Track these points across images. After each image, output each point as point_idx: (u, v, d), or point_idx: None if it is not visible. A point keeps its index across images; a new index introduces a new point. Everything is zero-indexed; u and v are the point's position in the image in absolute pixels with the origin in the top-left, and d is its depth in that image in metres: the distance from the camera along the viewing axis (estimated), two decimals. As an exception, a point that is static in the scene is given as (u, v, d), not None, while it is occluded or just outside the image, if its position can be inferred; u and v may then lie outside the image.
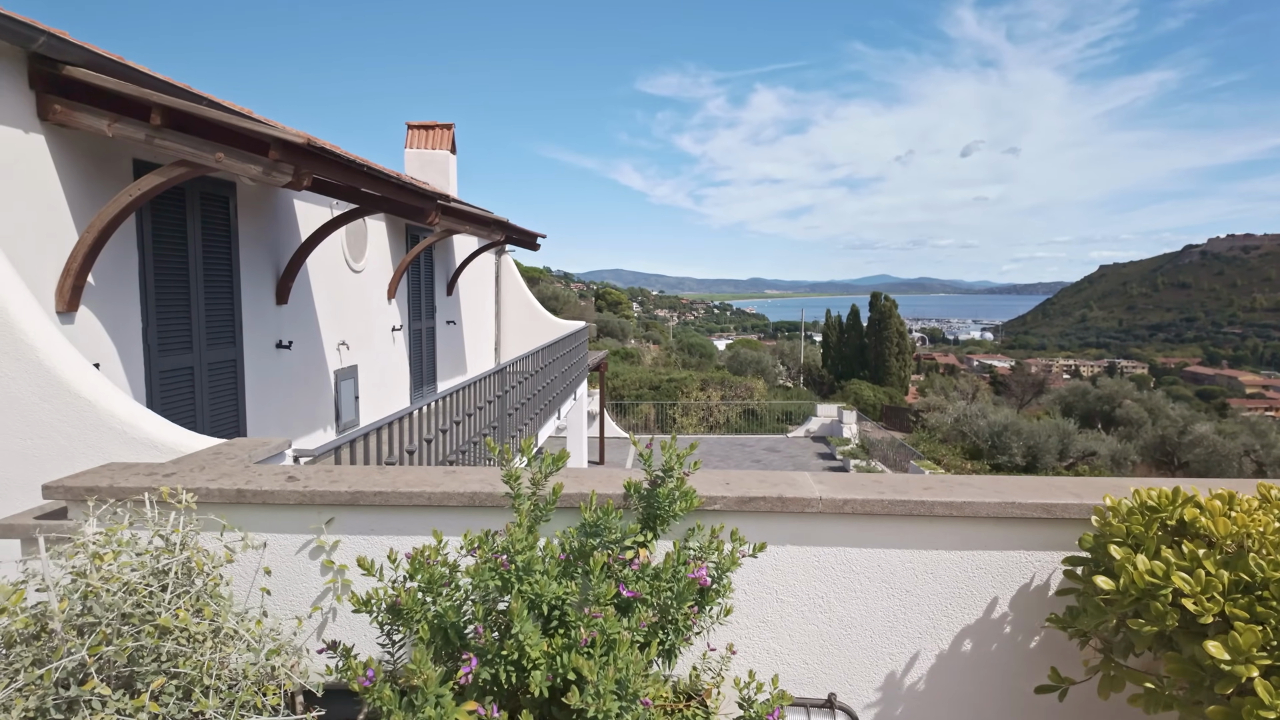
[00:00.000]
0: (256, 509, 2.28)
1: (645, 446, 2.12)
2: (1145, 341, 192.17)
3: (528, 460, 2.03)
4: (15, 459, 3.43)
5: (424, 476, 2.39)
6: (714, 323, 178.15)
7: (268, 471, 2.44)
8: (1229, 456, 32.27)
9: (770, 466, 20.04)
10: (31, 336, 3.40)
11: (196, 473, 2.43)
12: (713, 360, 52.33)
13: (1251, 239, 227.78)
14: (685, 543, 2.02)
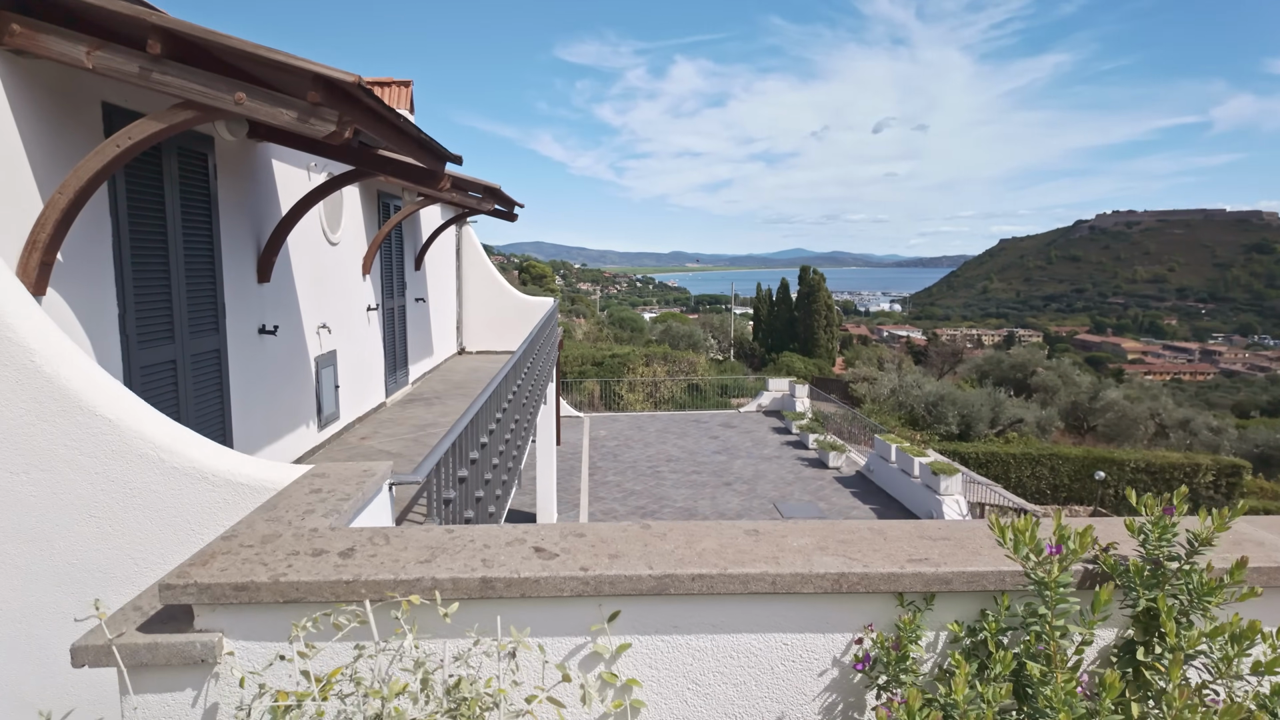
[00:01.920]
0: (507, 604, 1.53)
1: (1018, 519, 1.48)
2: (1040, 311, 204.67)
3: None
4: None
5: (741, 545, 1.64)
6: (637, 296, 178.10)
7: (511, 544, 1.66)
8: (1136, 420, 34.46)
9: (729, 443, 19.87)
10: (18, 329, 2.52)
11: (377, 547, 1.67)
12: (644, 334, 52.08)
13: (1134, 215, 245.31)
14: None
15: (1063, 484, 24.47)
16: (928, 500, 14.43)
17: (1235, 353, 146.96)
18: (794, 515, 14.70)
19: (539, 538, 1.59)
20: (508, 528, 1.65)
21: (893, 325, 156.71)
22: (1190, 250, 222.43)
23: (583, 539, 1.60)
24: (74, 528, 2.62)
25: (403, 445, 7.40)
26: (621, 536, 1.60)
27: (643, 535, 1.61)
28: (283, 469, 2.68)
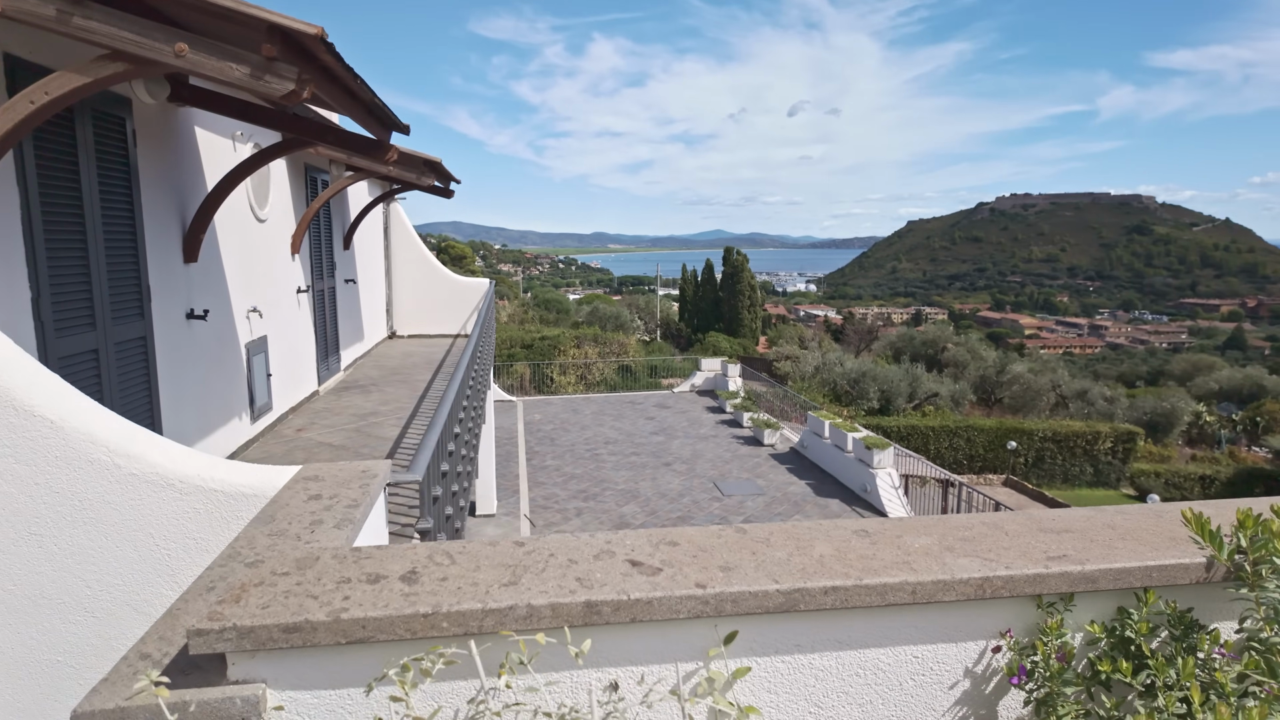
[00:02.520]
0: (612, 630, 1.31)
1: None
2: (945, 290, 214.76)
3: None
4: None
5: (858, 549, 1.46)
6: (560, 277, 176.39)
7: (600, 558, 1.42)
8: (1039, 392, 36.59)
9: (665, 423, 19.89)
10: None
11: (444, 567, 1.41)
12: (570, 316, 51.64)
13: (1030, 198, 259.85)
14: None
15: (978, 454, 25.73)
16: (861, 474, 14.83)
17: (1119, 327, 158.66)
18: (734, 493, 14.86)
19: (629, 549, 1.39)
20: (585, 538, 1.44)
21: (809, 305, 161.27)
22: (1079, 231, 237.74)
23: (679, 549, 1.40)
24: (11, 549, 2.23)
25: (345, 437, 6.95)
26: (722, 544, 1.42)
27: (746, 542, 1.43)
28: (264, 472, 2.36)
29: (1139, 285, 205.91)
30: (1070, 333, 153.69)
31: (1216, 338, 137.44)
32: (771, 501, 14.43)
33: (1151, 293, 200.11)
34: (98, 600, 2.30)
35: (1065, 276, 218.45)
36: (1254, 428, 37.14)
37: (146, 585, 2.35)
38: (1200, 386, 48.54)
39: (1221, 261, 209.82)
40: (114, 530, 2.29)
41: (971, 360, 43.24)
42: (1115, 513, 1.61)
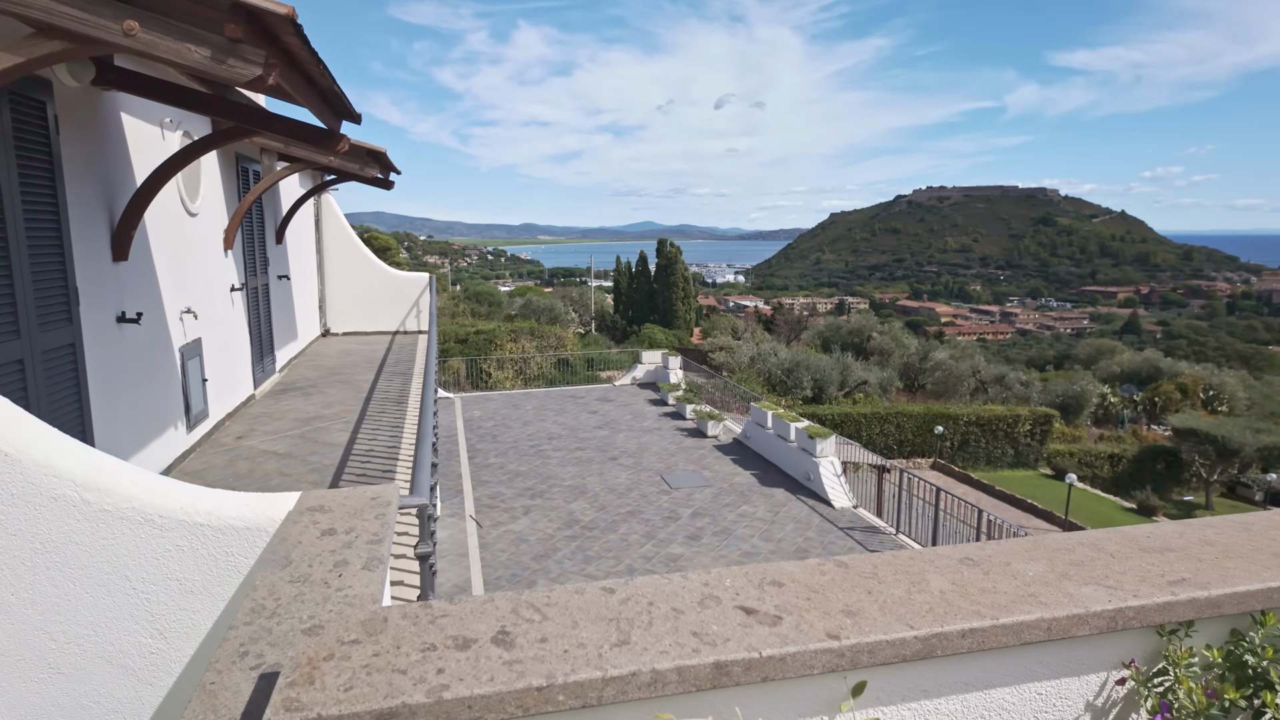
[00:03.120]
0: (739, 692, 1.17)
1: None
2: (867, 280, 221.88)
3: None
4: None
5: (974, 581, 1.36)
6: (489, 269, 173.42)
7: (705, 604, 1.30)
8: (960, 377, 38.18)
9: (609, 417, 19.77)
10: None
11: (534, 624, 1.23)
12: (503, 309, 50.86)
13: (944, 191, 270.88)
14: None
15: (907, 439, 26.63)
16: (804, 463, 15.09)
17: (1028, 314, 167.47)
18: (682, 486, 14.88)
19: (733, 593, 1.26)
20: (679, 580, 1.30)
21: (738, 296, 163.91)
22: (990, 222, 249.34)
23: (785, 590, 1.29)
24: (-41, 607, 1.93)
25: (290, 444, 6.56)
26: (830, 582, 1.31)
27: (853, 578, 1.33)
28: (258, 502, 2.13)
29: (1045, 274, 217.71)
30: (983, 320, 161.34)
31: (1115, 323, 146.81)
32: (719, 493, 14.53)
33: (1056, 281, 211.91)
34: (65, 655, 2.03)
35: (978, 266, 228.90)
36: (1153, 408, 39.76)
37: (124, 635, 2.09)
38: (1104, 370, 51.63)
39: (1118, 251, 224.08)
40: (83, 575, 2.02)
41: (896, 348, 44.75)
42: (1203, 526, 1.59)
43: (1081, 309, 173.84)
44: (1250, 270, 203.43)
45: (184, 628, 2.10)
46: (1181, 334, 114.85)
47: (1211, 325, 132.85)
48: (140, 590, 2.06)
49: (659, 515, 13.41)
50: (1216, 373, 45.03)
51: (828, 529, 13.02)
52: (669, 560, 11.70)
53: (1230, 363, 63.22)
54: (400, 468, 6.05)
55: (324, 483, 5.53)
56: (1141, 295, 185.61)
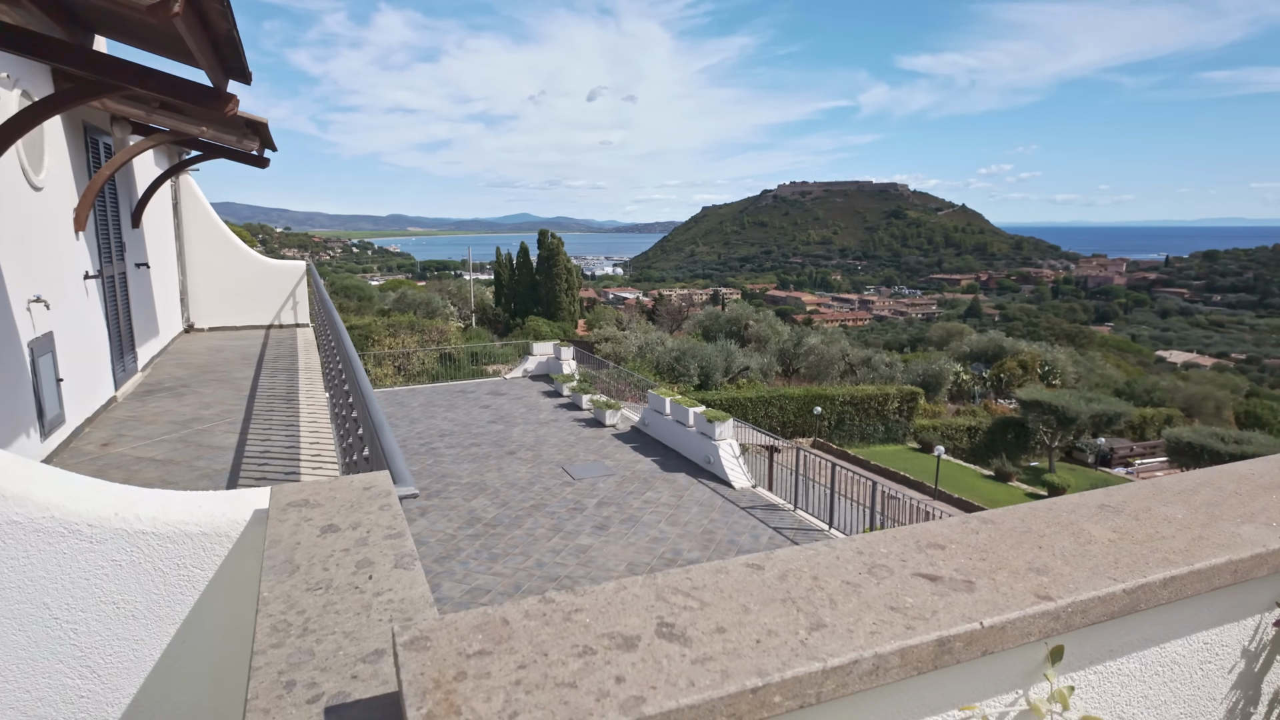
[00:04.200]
0: (950, 672, 1.01)
1: None
2: (738, 271, 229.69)
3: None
4: None
5: (1127, 530, 1.25)
6: (355, 263, 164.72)
7: (874, 573, 1.10)
8: (832, 361, 40.24)
9: (502, 411, 19.22)
10: None
11: (696, 611, 0.97)
12: (375, 303, 48.49)
13: (806, 186, 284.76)
14: None
15: (790, 420, 27.71)
16: (704, 447, 15.29)
17: (883, 301, 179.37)
18: (585, 476, 14.68)
19: (901, 560, 1.07)
20: (824, 549, 1.10)
21: (617, 288, 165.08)
22: (848, 216, 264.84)
23: (950, 551, 1.12)
24: None
25: (170, 450, 5.79)
26: (989, 541, 1.15)
27: (1011, 535, 1.18)
28: (217, 503, 1.75)
29: (897, 263, 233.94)
30: (844, 307, 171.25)
31: (959, 308, 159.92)
32: (622, 480, 14.44)
33: (907, 269, 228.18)
34: (-33, 710, 1.58)
35: (838, 257, 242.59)
36: (999, 383, 43.60)
37: (43, 678, 1.66)
38: (955, 350, 56.04)
39: (960, 241, 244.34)
40: (-11, 606, 1.58)
41: (772, 335, 46.54)
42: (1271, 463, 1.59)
43: (930, 295, 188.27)
44: (1069, 258, 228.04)
45: (124, 662, 1.70)
46: (1016, 316, 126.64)
47: (1040, 308, 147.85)
48: (64, 620, 1.64)
49: (564, 507, 13.15)
50: (1049, 350, 49.89)
51: (730, 509, 13.25)
52: (579, 552, 11.47)
53: (1059, 341, 70.32)
54: (305, 468, 5.48)
55: (216, 490, 4.89)
56: (981, 282, 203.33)
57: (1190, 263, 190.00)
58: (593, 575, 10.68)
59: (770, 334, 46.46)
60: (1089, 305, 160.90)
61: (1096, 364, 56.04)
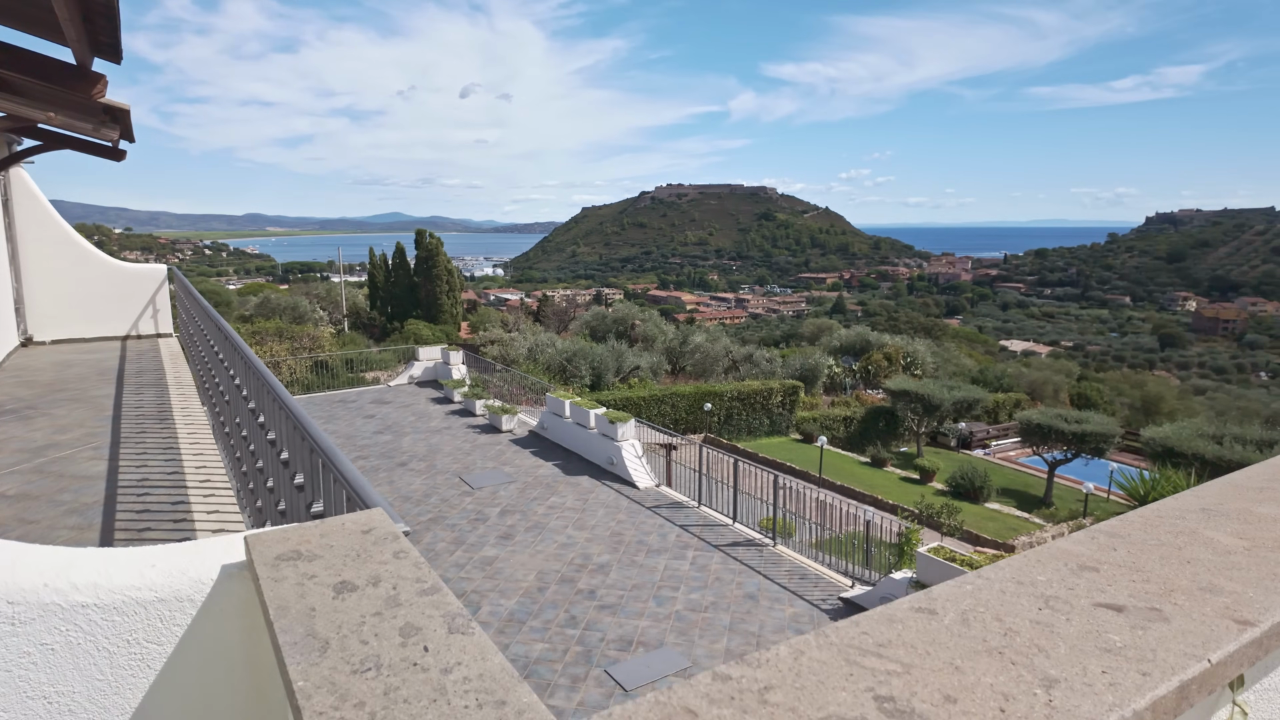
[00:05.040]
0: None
1: None
2: (619, 272, 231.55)
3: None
4: None
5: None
6: (209, 266, 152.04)
7: (1080, 613, 0.88)
8: (716, 358, 41.26)
9: (389, 420, 18.26)
10: None
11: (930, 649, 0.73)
12: (234, 309, 45.02)
13: (683, 188, 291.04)
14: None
15: (682, 417, 28.11)
16: (607, 448, 15.17)
17: (757, 299, 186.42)
18: (484, 484, 14.19)
19: (1066, 586, 0.95)
20: (972, 580, 0.97)
21: (498, 289, 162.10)
22: (722, 218, 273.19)
23: (1103, 574, 1.02)
24: None
25: (23, 482, 4.99)
26: (1135, 560, 1.06)
27: (1152, 552, 1.10)
28: (168, 557, 1.42)
29: (769, 263, 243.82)
30: (722, 306, 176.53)
31: (826, 305, 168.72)
32: (525, 487, 14.06)
33: (778, 269, 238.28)
34: None
35: (714, 257, 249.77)
36: (868, 374, 46.25)
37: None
38: (826, 344, 58.92)
39: (824, 242, 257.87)
40: None
41: (658, 334, 47.15)
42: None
43: (800, 293, 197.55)
44: (922, 257, 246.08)
45: (55, 775, 1.34)
46: (877, 312, 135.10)
47: (898, 303, 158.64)
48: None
49: (465, 518, 12.63)
50: (910, 342, 53.48)
51: (637, 510, 13.20)
52: (484, 564, 11.04)
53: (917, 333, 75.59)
54: (195, 496, 4.88)
55: (92, 526, 4.24)
56: (844, 280, 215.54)
57: (1025, 260, 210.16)
58: (501, 588, 10.30)
59: (657, 333, 47.04)
60: (940, 300, 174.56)
61: (952, 354, 60.64)
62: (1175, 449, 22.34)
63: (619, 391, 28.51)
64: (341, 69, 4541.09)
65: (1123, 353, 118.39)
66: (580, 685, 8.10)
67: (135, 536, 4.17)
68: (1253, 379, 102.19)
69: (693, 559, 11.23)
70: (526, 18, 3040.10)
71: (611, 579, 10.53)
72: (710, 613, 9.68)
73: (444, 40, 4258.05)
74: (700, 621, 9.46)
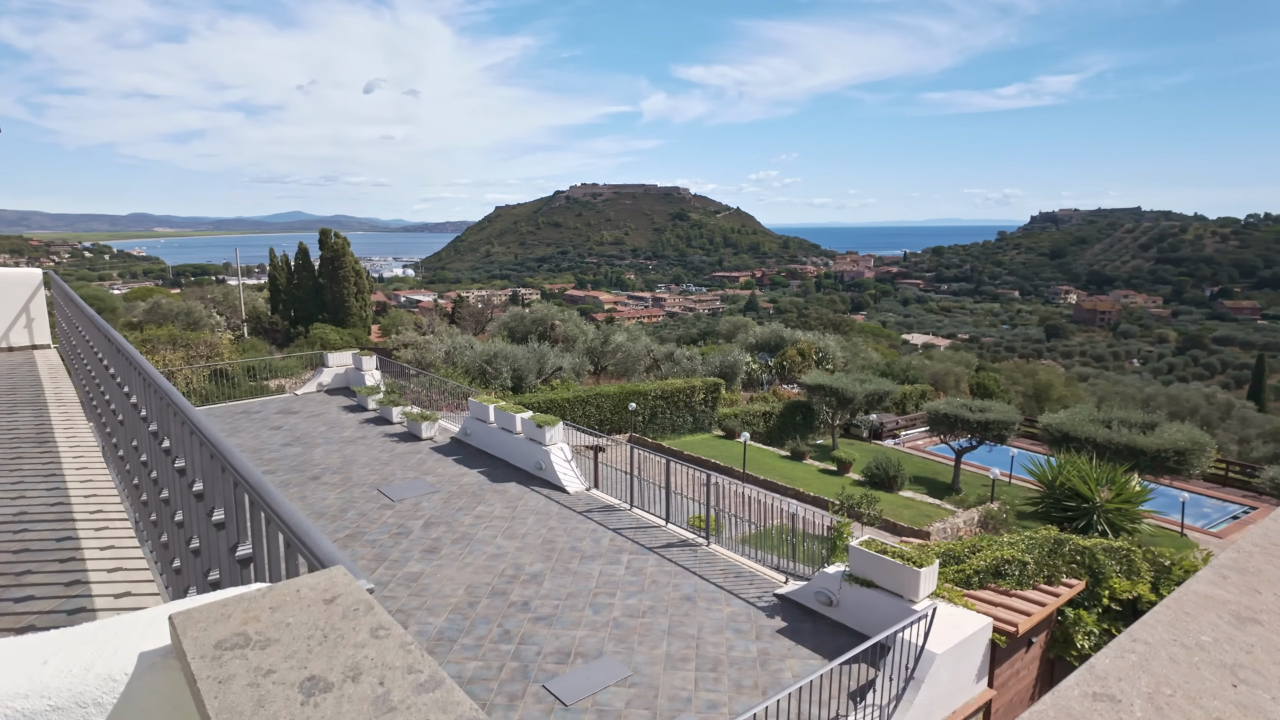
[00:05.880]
0: None
1: None
2: (535, 271, 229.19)
3: None
4: None
5: None
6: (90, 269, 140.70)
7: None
8: (638, 357, 41.31)
9: (298, 431, 17.25)
10: None
11: None
12: (120, 315, 41.80)
13: (597, 188, 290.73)
14: None
15: (607, 418, 27.92)
16: (534, 453, 14.80)
17: (674, 298, 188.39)
18: (405, 496, 13.57)
19: (1244, 650, 0.79)
20: (1138, 648, 0.80)
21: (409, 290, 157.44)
22: (637, 217, 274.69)
23: (1262, 626, 0.86)
24: None
25: None
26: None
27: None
28: (67, 649, 1.09)
29: (684, 262, 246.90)
30: (639, 305, 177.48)
31: (740, 302, 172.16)
32: (449, 497, 13.52)
33: (693, 268, 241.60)
34: None
35: (630, 257, 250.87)
36: (783, 370, 47.36)
37: None
38: (742, 341, 60.02)
39: (737, 241, 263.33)
40: None
41: (579, 335, 46.81)
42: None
43: (715, 292, 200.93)
44: (828, 255, 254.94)
45: None
46: (788, 309, 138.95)
47: (807, 300, 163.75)
48: None
49: (386, 533, 12.00)
50: (821, 338, 55.11)
51: (568, 515, 12.91)
52: (409, 581, 10.50)
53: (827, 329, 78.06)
54: (85, 529, 4.30)
55: (-44, 575, 3.64)
56: (756, 278, 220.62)
57: (923, 258, 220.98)
58: (428, 605, 9.81)
59: (578, 333, 46.70)
60: (846, 297, 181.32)
61: (860, 349, 62.85)
62: (1070, 434, 23.77)
63: (542, 393, 28.02)
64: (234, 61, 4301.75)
65: (1014, 343, 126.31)
66: (518, 703, 7.77)
67: (14, 581, 3.61)
68: (1127, 366, 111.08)
69: (628, 563, 11.03)
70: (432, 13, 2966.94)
71: (545, 589, 10.21)
72: (648, 617, 9.52)
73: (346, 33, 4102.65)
74: (639, 627, 9.28)
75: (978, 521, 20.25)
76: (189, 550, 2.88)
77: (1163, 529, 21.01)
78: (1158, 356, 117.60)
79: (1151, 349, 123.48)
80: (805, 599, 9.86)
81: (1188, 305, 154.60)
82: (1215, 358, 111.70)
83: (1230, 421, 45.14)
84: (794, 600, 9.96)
